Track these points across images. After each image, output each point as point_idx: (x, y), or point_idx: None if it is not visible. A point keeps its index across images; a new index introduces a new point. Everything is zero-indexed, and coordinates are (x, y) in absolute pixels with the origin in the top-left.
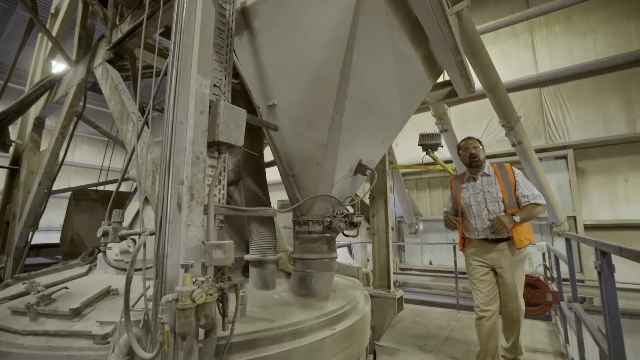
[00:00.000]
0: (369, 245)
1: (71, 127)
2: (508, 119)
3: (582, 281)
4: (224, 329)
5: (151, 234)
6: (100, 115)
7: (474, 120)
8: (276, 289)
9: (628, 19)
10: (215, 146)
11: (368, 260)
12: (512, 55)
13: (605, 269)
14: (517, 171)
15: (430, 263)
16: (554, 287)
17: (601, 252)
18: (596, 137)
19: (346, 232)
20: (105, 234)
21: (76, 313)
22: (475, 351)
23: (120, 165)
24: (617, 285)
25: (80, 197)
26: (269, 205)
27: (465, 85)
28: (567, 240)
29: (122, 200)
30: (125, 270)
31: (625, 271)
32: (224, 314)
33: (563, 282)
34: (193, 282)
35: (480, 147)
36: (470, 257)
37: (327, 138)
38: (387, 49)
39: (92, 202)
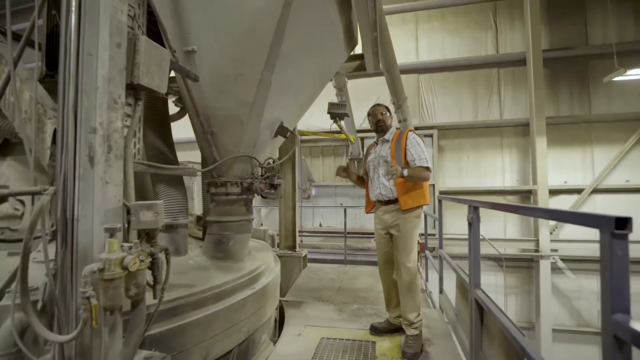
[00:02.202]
0: (263, 209)
1: None
2: (398, 98)
3: (433, 234)
4: (154, 297)
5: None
6: None
7: (364, 95)
8: (189, 254)
9: (481, 28)
10: (132, 90)
11: (262, 224)
12: (399, 41)
13: (475, 220)
14: (411, 137)
15: (320, 225)
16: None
17: (474, 207)
18: (453, 121)
19: (265, 193)
20: None
21: None
22: (362, 296)
23: None
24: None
25: None
26: (177, 164)
27: (374, 62)
28: (440, 201)
29: None
30: (7, 241)
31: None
32: (155, 282)
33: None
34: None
35: (388, 114)
36: (374, 218)
37: (254, 96)
38: (319, 12)
39: None
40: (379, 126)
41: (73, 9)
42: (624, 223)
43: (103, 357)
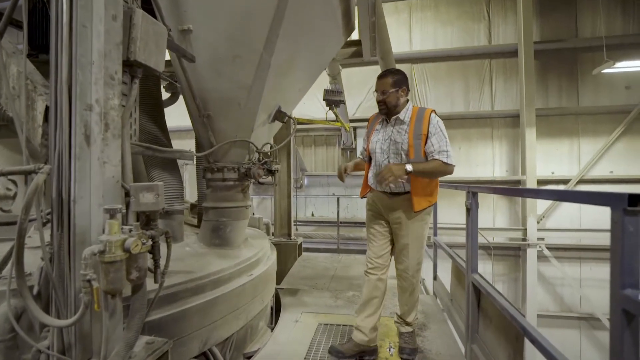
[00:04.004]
0: (255, 198)
1: None
2: None
3: None
4: (155, 282)
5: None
6: None
7: (357, 84)
8: (185, 241)
9: (474, 19)
10: (127, 68)
11: (253, 213)
12: (392, 30)
13: (473, 205)
14: (434, 121)
15: (312, 215)
16: None
17: (472, 193)
18: (445, 112)
19: (262, 179)
20: None
21: None
22: (356, 284)
23: None
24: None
25: None
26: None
27: (371, 48)
28: None
29: None
30: None
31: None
32: (156, 266)
33: None
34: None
35: (393, 90)
36: (367, 206)
37: (252, 79)
38: None
39: None
40: (380, 108)
41: None
42: (636, 200)
43: (104, 342)
